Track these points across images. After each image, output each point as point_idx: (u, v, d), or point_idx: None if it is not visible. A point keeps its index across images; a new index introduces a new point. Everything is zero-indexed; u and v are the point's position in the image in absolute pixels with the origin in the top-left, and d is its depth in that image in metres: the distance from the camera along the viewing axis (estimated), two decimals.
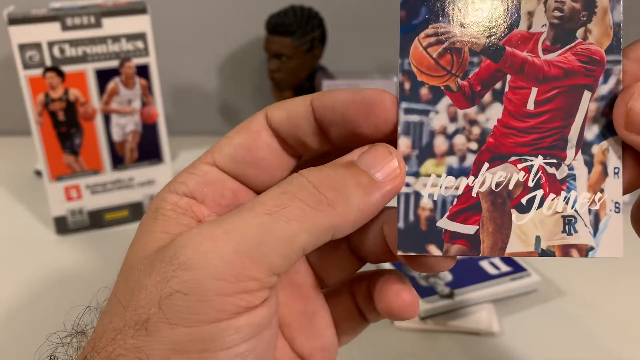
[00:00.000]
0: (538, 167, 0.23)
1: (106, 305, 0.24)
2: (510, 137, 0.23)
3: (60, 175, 0.64)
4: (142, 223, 0.24)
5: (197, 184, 0.24)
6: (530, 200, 0.23)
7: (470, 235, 0.23)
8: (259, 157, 0.24)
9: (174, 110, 0.97)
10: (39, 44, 0.59)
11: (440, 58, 0.22)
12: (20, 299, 0.56)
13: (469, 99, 0.23)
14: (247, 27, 0.93)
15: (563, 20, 0.22)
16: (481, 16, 0.22)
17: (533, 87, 0.22)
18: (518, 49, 0.22)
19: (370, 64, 0.95)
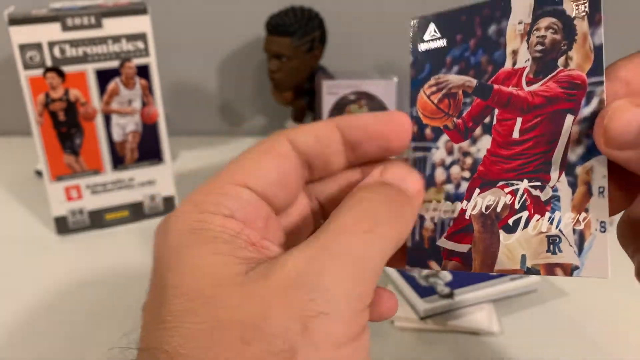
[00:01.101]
0: (523, 190, 0.24)
1: (201, 342, 0.20)
2: (498, 164, 0.25)
3: (60, 175, 0.65)
4: (184, 246, 0.22)
5: (236, 205, 0.23)
6: (516, 221, 0.24)
7: (464, 253, 0.25)
8: (289, 180, 0.25)
9: (174, 111, 0.97)
10: (40, 45, 0.59)
11: (440, 103, 0.26)
12: (20, 298, 0.56)
13: (463, 134, 0.26)
14: (247, 28, 0.93)
15: (545, 53, 0.24)
16: (473, 62, 0.25)
17: (518, 117, 0.24)
18: (504, 85, 0.25)
19: (370, 65, 0.95)
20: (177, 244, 0.22)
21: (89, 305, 0.55)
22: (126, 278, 0.59)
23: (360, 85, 0.74)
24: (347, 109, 0.75)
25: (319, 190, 0.27)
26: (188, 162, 0.86)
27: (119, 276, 0.59)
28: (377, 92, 0.74)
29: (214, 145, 0.93)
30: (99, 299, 0.56)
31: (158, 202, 0.70)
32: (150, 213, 0.70)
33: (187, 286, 0.21)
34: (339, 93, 0.74)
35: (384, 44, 0.95)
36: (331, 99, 0.75)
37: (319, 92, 0.75)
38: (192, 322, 0.20)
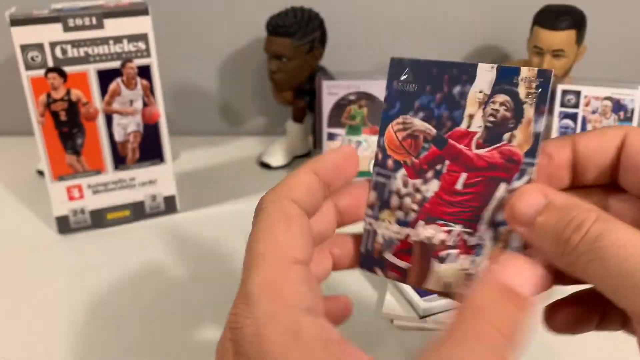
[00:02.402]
0: (457, 233, 0.29)
1: None
2: (441, 206, 0.29)
3: (62, 175, 0.65)
4: (289, 352, 0.23)
5: (312, 299, 0.25)
6: (447, 255, 0.29)
7: (403, 269, 0.30)
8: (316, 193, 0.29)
9: (175, 111, 0.98)
10: (41, 45, 0.60)
11: (403, 141, 0.30)
12: (21, 298, 0.57)
13: (418, 173, 0.30)
14: (247, 28, 0.93)
15: (495, 125, 0.28)
16: (436, 114, 0.29)
17: (463, 172, 0.29)
18: (457, 142, 0.29)
19: (370, 65, 0.96)
20: (282, 349, 0.23)
21: (89, 305, 0.55)
22: (127, 277, 0.59)
23: (360, 86, 0.74)
24: (347, 109, 0.75)
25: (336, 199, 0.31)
26: (189, 162, 0.87)
27: (120, 275, 0.60)
28: (377, 93, 0.74)
29: (214, 145, 0.93)
30: (100, 299, 0.56)
31: (159, 202, 0.70)
32: (152, 213, 0.70)
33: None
34: (339, 93, 0.75)
35: (383, 44, 0.95)
36: (331, 99, 0.75)
37: (319, 93, 0.75)
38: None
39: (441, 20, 0.93)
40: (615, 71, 0.94)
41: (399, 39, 0.94)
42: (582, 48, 0.76)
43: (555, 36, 0.73)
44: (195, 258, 0.62)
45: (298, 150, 0.89)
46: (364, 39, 0.94)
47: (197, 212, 0.72)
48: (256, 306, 0.24)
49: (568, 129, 0.71)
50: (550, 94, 0.71)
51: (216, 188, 0.78)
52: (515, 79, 0.27)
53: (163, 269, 0.61)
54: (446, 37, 0.94)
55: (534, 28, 0.76)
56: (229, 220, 0.70)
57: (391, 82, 0.30)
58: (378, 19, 0.93)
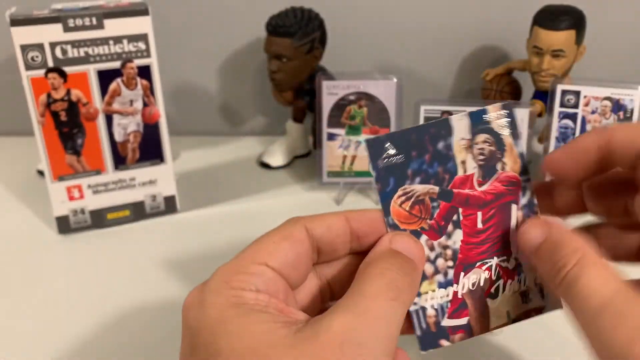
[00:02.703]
0: (495, 265, 0.32)
1: None
2: (472, 250, 0.31)
3: (62, 175, 0.65)
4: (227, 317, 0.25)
5: (261, 281, 0.27)
6: (496, 288, 0.32)
7: (465, 325, 0.32)
8: (302, 261, 0.29)
9: (175, 111, 0.98)
10: (41, 45, 0.60)
11: (411, 209, 0.31)
12: (21, 298, 0.57)
13: (438, 232, 0.31)
14: (247, 28, 0.93)
15: (486, 161, 0.31)
16: (432, 172, 0.31)
17: (478, 211, 0.31)
18: (461, 189, 0.31)
19: (370, 65, 0.96)
20: (220, 316, 0.25)
21: (89, 305, 0.55)
22: (128, 277, 0.60)
23: (360, 86, 0.74)
24: (347, 109, 0.75)
25: (326, 272, 0.31)
26: (189, 162, 0.87)
27: (120, 275, 0.60)
28: (377, 93, 0.74)
29: (214, 145, 0.93)
30: (100, 298, 0.56)
31: (159, 202, 0.70)
32: (152, 212, 0.70)
33: (242, 349, 0.24)
34: (339, 93, 0.75)
35: (383, 44, 0.95)
36: (331, 99, 0.75)
37: (319, 93, 0.75)
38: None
39: (441, 20, 0.93)
40: (614, 71, 0.94)
41: (399, 40, 0.95)
42: (582, 48, 0.76)
43: (554, 36, 0.73)
44: (195, 258, 0.62)
45: (298, 150, 0.89)
46: (364, 39, 0.94)
47: (197, 212, 0.72)
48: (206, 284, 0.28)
49: (568, 129, 0.71)
50: (550, 94, 0.72)
51: (216, 188, 0.78)
52: (486, 118, 0.31)
53: (163, 268, 0.61)
54: (446, 38, 0.94)
55: (534, 28, 0.76)
56: (229, 220, 0.70)
57: (375, 162, 0.31)
58: (378, 19, 0.93)
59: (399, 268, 0.28)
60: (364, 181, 0.76)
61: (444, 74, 0.97)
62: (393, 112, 0.75)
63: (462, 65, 0.97)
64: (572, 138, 0.71)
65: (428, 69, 0.96)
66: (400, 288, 0.27)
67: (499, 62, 0.92)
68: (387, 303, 0.26)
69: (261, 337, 0.24)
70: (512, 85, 0.85)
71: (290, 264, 0.28)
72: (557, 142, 0.71)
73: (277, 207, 0.74)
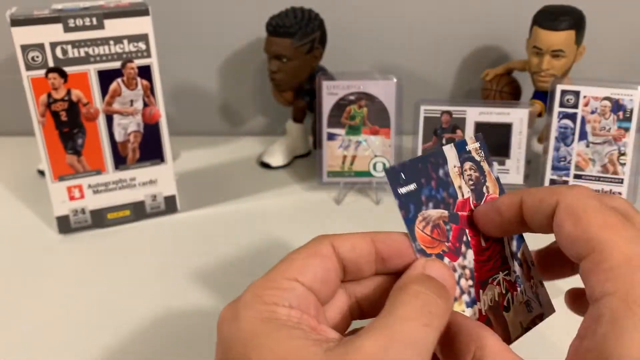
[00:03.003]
0: (502, 279, 0.34)
1: None
2: (483, 267, 0.33)
3: (62, 175, 0.65)
4: (260, 332, 0.26)
5: (292, 297, 0.28)
6: (508, 301, 0.34)
7: None
8: (331, 277, 0.30)
9: (175, 111, 0.98)
10: (42, 45, 0.60)
11: (432, 234, 0.32)
12: (22, 298, 0.57)
13: (456, 253, 0.32)
14: (247, 29, 0.93)
15: (475, 185, 0.34)
16: (439, 198, 0.33)
17: (480, 231, 0.33)
18: (463, 211, 0.33)
19: (370, 65, 0.96)
20: (252, 330, 0.26)
21: (90, 304, 0.56)
22: (128, 277, 0.60)
23: (360, 86, 0.75)
24: (347, 109, 0.75)
25: (355, 290, 0.32)
26: (189, 162, 0.87)
27: (121, 275, 0.60)
28: (376, 93, 0.75)
29: (214, 145, 0.94)
30: (101, 298, 0.56)
31: (159, 202, 0.70)
32: (152, 212, 0.70)
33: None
34: (339, 93, 0.75)
35: (383, 44, 0.95)
36: (331, 99, 0.75)
37: (319, 93, 0.75)
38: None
39: (441, 20, 0.93)
40: (614, 71, 0.94)
41: (399, 40, 0.95)
42: (582, 48, 0.76)
43: (554, 36, 0.74)
44: (195, 257, 0.63)
45: (298, 150, 0.89)
46: (364, 39, 0.94)
47: (197, 212, 0.72)
48: (240, 299, 0.28)
49: (567, 129, 0.71)
50: (550, 94, 0.72)
51: (216, 188, 0.79)
52: (468, 148, 0.34)
53: (163, 268, 0.61)
54: (446, 38, 0.94)
55: (533, 28, 0.76)
56: (229, 220, 0.70)
57: (396, 189, 0.32)
58: (378, 19, 0.93)
59: (433, 292, 0.28)
60: (364, 181, 0.77)
61: (444, 74, 0.97)
62: (393, 112, 0.75)
63: (462, 65, 0.97)
64: (572, 138, 0.71)
65: (428, 69, 0.97)
66: (434, 313, 0.27)
67: (499, 62, 0.92)
68: (421, 328, 0.26)
69: (292, 353, 0.25)
70: (512, 85, 0.85)
71: (319, 279, 0.29)
72: (556, 142, 0.72)
73: (277, 206, 0.74)
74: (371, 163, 0.76)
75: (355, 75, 0.75)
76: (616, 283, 0.25)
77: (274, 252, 0.63)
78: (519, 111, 0.73)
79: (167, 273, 0.60)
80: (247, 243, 0.65)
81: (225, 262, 0.61)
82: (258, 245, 0.65)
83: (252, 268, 0.60)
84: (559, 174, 0.72)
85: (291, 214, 0.72)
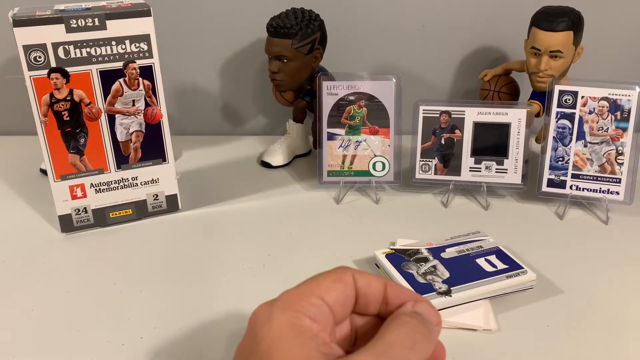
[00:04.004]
0: None
1: None
2: None
3: (65, 175, 0.65)
4: (285, 334, 0.31)
5: (318, 313, 0.32)
6: None
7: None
8: (348, 303, 0.34)
9: (176, 111, 0.98)
10: (44, 46, 0.60)
11: None
12: (25, 296, 0.57)
13: None
14: (248, 30, 0.94)
15: None
16: None
17: None
18: None
19: (370, 66, 0.96)
20: (280, 331, 0.31)
21: (92, 302, 0.56)
22: (130, 275, 0.60)
23: (360, 86, 0.75)
24: (347, 109, 0.76)
25: (357, 321, 0.36)
26: (190, 162, 0.87)
27: (123, 273, 0.60)
28: (376, 93, 0.75)
29: (215, 144, 0.94)
30: (103, 296, 0.57)
31: (161, 200, 0.71)
32: (154, 211, 0.71)
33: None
34: (339, 94, 0.75)
35: (383, 45, 0.96)
36: (331, 99, 0.76)
37: (319, 93, 0.76)
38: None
39: (440, 21, 0.94)
40: (612, 72, 0.95)
41: (399, 41, 0.95)
42: (580, 49, 0.77)
43: (552, 37, 0.74)
44: (197, 255, 0.63)
45: (298, 150, 0.89)
46: (364, 40, 0.95)
47: (199, 211, 0.73)
48: (275, 303, 0.33)
49: (565, 129, 0.72)
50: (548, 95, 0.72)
51: (217, 187, 0.79)
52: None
53: (165, 266, 0.61)
54: (445, 39, 0.95)
55: (532, 29, 0.76)
56: (230, 219, 0.71)
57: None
58: (378, 21, 0.94)
59: (418, 322, 0.33)
60: (364, 180, 0.77)
61: (443, 74, 0.98)
62: (392, 112, 0.75)
63: (460, 66, 0.97)
64: (570, 138, 0.72)
65: (427, 69, 0.97)
66: (417, 339, 0.32)
67: (497, 62, 0.93)
68: (406, 350, 0.31)
69: (302, 356, 0.30)
70: (510, 86, 0.86)
71: (340, 302, 0.34)
72: (554, 142, 0.72)
73: (278, 205, 0.74)
74: (371, 162, 0.77)
75: (355, 75, 0.76)
76: None
77: (275, 250, 0.64)
78: (517, 111, 0.73)
79: (169, 271, 0.61)
80: (248, 241, 0.65)
81: (226, 260, 0.62)
82: (258, 243, 0.65)
83: (253, 266, 0.61)
84: (556, 173, 0.73)
85: (291, 212, 0.73)
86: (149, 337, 0.51)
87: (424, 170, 0.76)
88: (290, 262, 0.62)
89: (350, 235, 0.67)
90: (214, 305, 0.55)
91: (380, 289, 0.35)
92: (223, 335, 0.51)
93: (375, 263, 0.59)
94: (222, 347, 0.49)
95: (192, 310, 0.54)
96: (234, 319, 0.53)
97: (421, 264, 0.56)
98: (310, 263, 0.61)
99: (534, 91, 0.81)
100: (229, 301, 0.56)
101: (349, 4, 0.92)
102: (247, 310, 0.54)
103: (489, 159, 0.74)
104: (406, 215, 0.72)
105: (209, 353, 0.49)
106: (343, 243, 0.65)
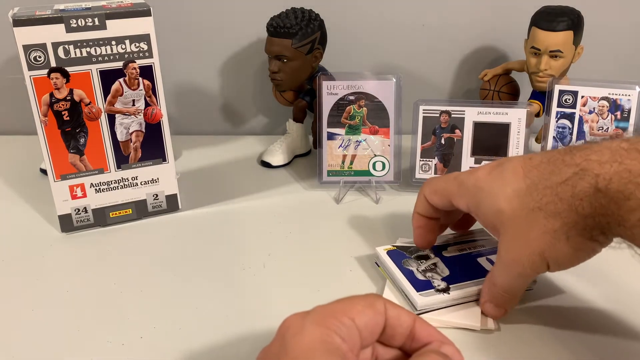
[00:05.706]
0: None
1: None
2: None
3: (65, 174, 0.66)
4: (315, 349, 0.32)
5: (346, 332, 0.34)
6: None
7: None
8: (376, 330, 0.36)
9: (177, 111, 0.98)
10: (44, 45, 0.60)
11: None
12: (25, 295, 0.57)
13: None
14: (248, 29, 0.94)
15: None
16: None
17: None
18: None
19: (370, 65, 0.96)
20: (310, 345, 0.32)
21: (93, 303, 0.56)
22: (130, 276, 0.60)
23: (360, 86, 0.75)
24: (347, 109, 0.76)
25: (380, 351, 0.37)
26: (190, 161, 0.87)
27: (123, 274, 0.60)
28: (376, 92, 0.75)
29: (215, 144, 0.94)
30: (103, 297, 0.57)
31: (161, 200, 0.71)
32: (154, 211, 0.71)
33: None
34: (339, 93, 0.75)
35: (383, 45, 0.96)
36: (331, 99, 0.76)
37: (319, 93, 0.76)
38: None
39: (440, 21, 0.94)
40: (612, 71, 0.95)
41: (399, 40, 0.95)
42: (580, 48, 0.77)
43: (552, 37, 0.74)
44: (197, 256, 0.63)
45: (298, 149, 0.89)
46: (364, 40, 0.95)
47: (199, 211, 0.73)
48: (308, 316, 0.34)
49: (565, 129, 0.72)
50: (548, 94, 0.72)
51: (218, 187, 0.79)
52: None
53: (165, 267, 0.61)
54: (445, 38, 0.95)
55: (532, 29, 0.77)
56: (230, 219, 0.71)
57: None
58: (378, 20, 0.94)
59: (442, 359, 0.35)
60: (364, 180, 0.77)
61: (443, 74, 0.98)
62: (392, 112, 0.75)
63: (460, 66, 0.97)
64: (570, 138, 0.72)
65: (427, 69, 0.97)
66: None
67: (497, 62, 0.93)
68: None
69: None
70: (510, 86, 0.86)
71: (369, 328, 0.35)
72: (554, 142, 0.72)
73: (278, 205, 0.74)
74: (371, 162, 0.77)
75: (355, 75, 0.76)
76: None
77: (275, 250, 0.64)
78: (517, 111, 0.73)
79: (169, 271, 0.61)
80: (248, 241, 0.65)
81: (226, 260, 0.62)
82: (259, 243, 0.65)
83: (254, 266, 0.61)
84: None
85: (291, 212, 0.73)
86: (149, 337, 0.51)
87: (424, 170, 0.76)
88: (290, 262, 0.62)
89: (350, 235, 0.67)
90: (214, 306, 0.55)
91: (409, 324, 0.36)
92: (223, 336, 0.51)
93: (376, 262, 0.59)
94: (222, 347, 0.50)
95: (192, 310, 0.54)
96: (234, 319, 0.53)
97: (422, 261, 0.56)
98: (310, 263, 0.61)
99: (534, 91, 0.81)
100: (229, 301, 0.56)
101: (349, 3, 0.92)
102: (248, 310, 0.54)
103: (489, 158, 0.74)
104: (406, 215, 0.72)
105: (209, 353, 0.49)
106: (343, 243, 0.65)
